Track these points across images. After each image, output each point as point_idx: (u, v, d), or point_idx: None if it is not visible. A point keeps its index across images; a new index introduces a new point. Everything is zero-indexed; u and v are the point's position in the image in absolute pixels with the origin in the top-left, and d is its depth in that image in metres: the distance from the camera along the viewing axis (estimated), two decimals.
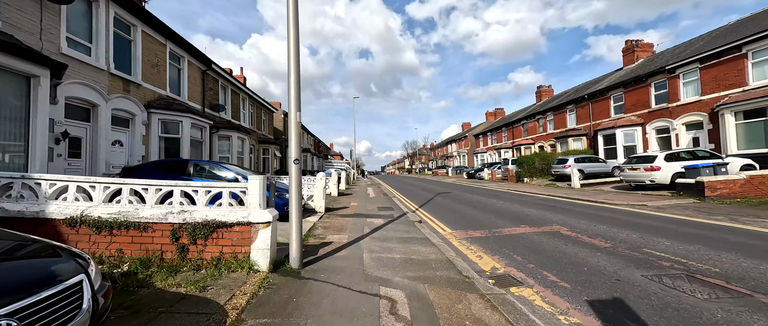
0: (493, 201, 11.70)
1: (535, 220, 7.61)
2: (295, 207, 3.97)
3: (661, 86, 17.72)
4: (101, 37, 8.38)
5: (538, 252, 4.94)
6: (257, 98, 20.52)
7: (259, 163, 20.40)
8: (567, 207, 9.86)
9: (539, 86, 35.81)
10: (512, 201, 11.55)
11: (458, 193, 15.62)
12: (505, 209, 9.67)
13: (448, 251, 5.07)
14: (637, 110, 19.08)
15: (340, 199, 13.14)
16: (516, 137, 34.54)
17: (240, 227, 3.67)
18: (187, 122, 10.93)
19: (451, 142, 60.16)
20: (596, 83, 25.13)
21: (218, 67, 14.41)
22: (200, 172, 7.04)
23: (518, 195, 14.09)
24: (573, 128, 24.62)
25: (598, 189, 14.64)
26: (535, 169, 21.36)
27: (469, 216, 8.67)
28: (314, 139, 46.23)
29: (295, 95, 4.07)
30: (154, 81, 10.45)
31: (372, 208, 10.34)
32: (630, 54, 23.26)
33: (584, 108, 23.61)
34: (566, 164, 18.17)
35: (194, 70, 12.92)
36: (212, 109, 14.28)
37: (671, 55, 18.89)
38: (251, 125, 19.73)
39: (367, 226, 7.07)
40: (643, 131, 18.57)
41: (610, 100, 21.25)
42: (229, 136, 14.55)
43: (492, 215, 8.63)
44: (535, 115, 30.50)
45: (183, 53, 12.06)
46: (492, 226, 7.10)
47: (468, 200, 12.47)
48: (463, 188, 19.19)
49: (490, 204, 10.85)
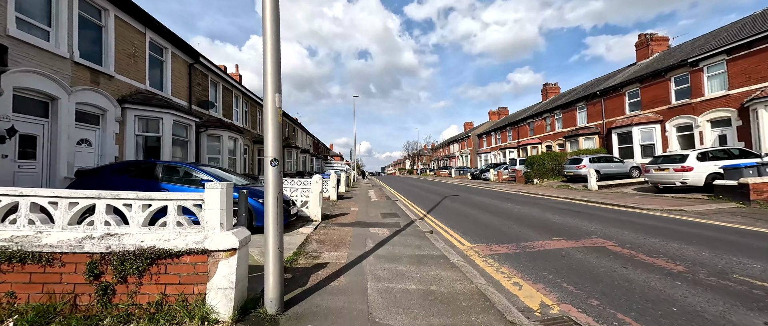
0: (508, 206, 10.57)
1: (567, 230, 6.48)
2: (272, 228, 2.85)
3: (682, 80, 16.59)
4: (62, 20, 7.28)
5: (594, 279, 3.81)
6: (252, 96, 19.42)
7: (253, 164, 19.29)
8: (595, 213, 8.72)
9: (545, 84, 34.70)
10: (529, 205, 10.42)
11: (467, 196, 14.49)
12: (525, 215, 8.54)
13: (476, 277, 3.94)
14: (655, 107, 17.95)
15: (339, 204, 12.01)
16: (521, 137, 33.42)
17: (192, 257, 2.56)
18: (169, 119, 9.82)
19: (453, 142, 59.04)
20: (608, 79, 24.01)
21: (207, 61, 13.31)
22: (172, 176, 5.92)
23: (533, 198, 12.94)
24: (584, 126, 23.49)
25: (619, 192, 13.50)
26: (545, 170, 20.23)
27: (487, 223, 7.54)
28: (313, 140, 45.15)
29: (273, 70, 2.96)
30: (130, 73, 9.35)
31: (375, 214, 9.22)
32: (644, 48, 22.14)
33: (596, 105, 22.48)
34: (580, 164, 17.04)
35: (179, 63, 11.82)
36: (200, 106, 13.17)
37: (691, 48, 17.76)
38: (245, 124, 18.63)
39: (371, 239, 5.95)
40: (662, 129, 17.43)
41: (624, 96, 20.12)
42: (219, 135, 13.43)
43: (513, 223, 7.49)
44: (542, 114, 29.38)
45: (166, 44, 10.96)
46: (518, 238, 5.97)
47: (480, 204, 11.33)
48: (471, 190, 18.06)
49: (506, 209, 9.72)
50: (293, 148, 27.83)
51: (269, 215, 2.84)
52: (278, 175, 2.95)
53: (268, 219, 2.84)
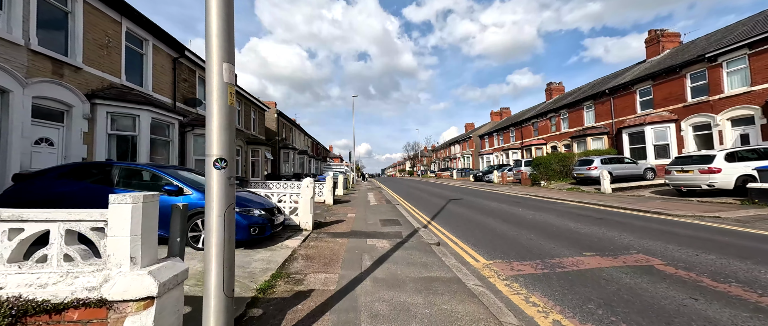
0: (520, 211, 9.64)
1: (597, 243, 5.55)
2: (215, 260, 1.92)
3: (698, 77, 15.69)
4: (17, 3, 6.38)
5: (663, 319, 2.88)
6: (245, 94, 18.54)
7: (247, 166, 18.36)
8: (620, 220, 7.79)
9: (549, 83, 33.83)
10: (543, 211, 9.49)
11: (472, 199, 13.56)
12: (542, 223, 7.61)
13: (503, 312, 3.02)
14: (669, 105, 17.04)
15: (335, 209, 11.08)
16: (525, 137, 32.52)
17: (82, 312, 1.64)
18: (147, 117, 8.91)
19: (454, 144, 58.14)
20: (616, 77, 23.12)
21: (194, 55, 12.42)
22: (132, 181, 5.00)
23: (545, 202, 12.01)
24: (592, 126, 22.58)
25: (636, 195, 12.56)
26: (553, 172, 19.30)
27: (500, 233, 6.61)
28: (312, 141, 44.26)
29: (219, 29, 2.04)
30: (102, 65, 8.44)
31: (374, 221, 8.29)
32: (654, 45, 21.26)
33: (604, 104, 21.58)
34: (592, 165, 16.11)
35: (162, 56, 10.92)
36: (187, 104, 12.27)
37: (707, 43, 16.88)
38: (238, 124, 17.71)
39: (368, 255, 5.02)
40: (678, 128, 16.52)
41: (635, 94, 19.22)
42: None
43: (530, 232, 6.56)
44: (547, 113, 28.48)
45: (146, 35, 10.06)
46: (542, 253, 5.04)
47: (488, 209, 10.40)
48: (475, 193, 17.12)
49: (519, 215, 8.79)
50: (290, 149, 26.94)
51: (211, 242, 1.91)
52: (226, 182, 2.03)
53: (210, 247, 1.91)
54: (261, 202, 5.63)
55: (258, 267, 4.24)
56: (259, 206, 5.34)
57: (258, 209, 5.20)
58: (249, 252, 4.84)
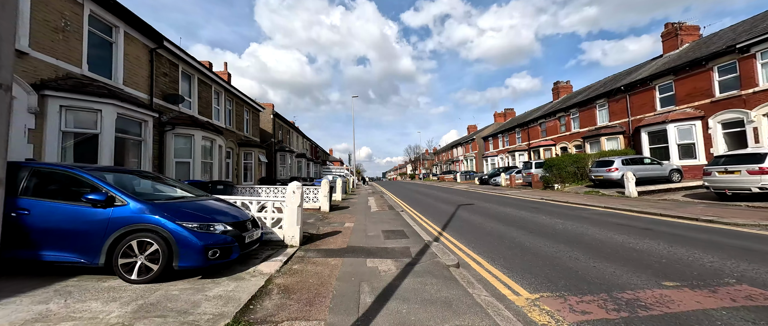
0: (545, 219, 8.32)
1: (671, 267, 4.24)
2: None
3: (728, 69, 14.41)
4: None
5: None
6: (238, 93, 17.32)
7: (238, 168, 17.11)
8: (671, 231, 6.47)
9: (556, 82, 32.61)
10: (572, 219, 8.17)
11: (484, 205, 12.24)
12: (580, 235, 6.29)
13: None
14: (694, 101, 15.75)
15: (331, 217, 9.79)
16: (532, 138, 31.24)
17: None
18: (111, 112, 7.66)
19: (456, 146, 56.89)
20: (631, 73, 21.87)
21: (176, 47, 11.21)
22: (47, 187, 3.71)
23: (567, 207, 10.69)
24: (606, 125, 21.29)
25: (669, 200, 11.22)
26: (567, 174, 17.98)
27: (534, 249, 5.30)
28: (311, 144, 43.04)
29: None
30: (56, 52, 7.22)
31: (375, 233, 6.99)
32: (672, 38, 20.03)
33: (619, 102, 20.30)
34: (612, 167, 14.79)
35: (136, 46, 9.70)
36: (167, 101, 11.04)
37: (734, 34, 15.63)
38: (229, 125, 16.49)
39: (368, 285, 3.73)
40: (704, 125, 15.21)
41: (654, 90, 17.94)
42: (189, 134, 11.28)
43: (572, 248, 5.25)
44: (556, 113, 27.21)
45: (116, 21, 8.86)
46: (604, 282, 3.74)
47: (506, 216, 9.09)
48: (485, 197, 15.80)
49: (546, 224, 7.47)
50: (287, 151, 25.71)
51: None
52: None
53: None
54: (232, 214, 4.36)
55: (208, 311, 2.94)
56: (225, 219, 4.06)
57: (222, 223, 3.92)
58: (204, 285, 3.54)
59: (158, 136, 10.50)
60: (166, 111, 11.01)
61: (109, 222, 3.40)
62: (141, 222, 3.43)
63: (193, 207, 4.00)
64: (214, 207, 4.36)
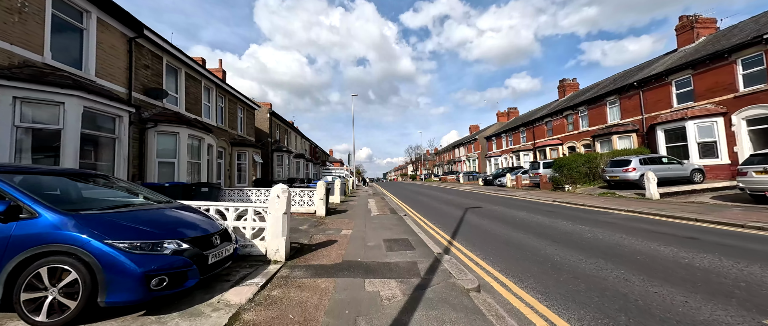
0: (567, 226, 7.38)
1: (753, 291, 3.31)
2: None
3: (753, 62, 13.46)
4: None
5: None
6: (231, 90, 16.43)
7: (231, 169, 16.20)
8: (722, 241, 5.53)
9: (562, 80, 31.67)
10: (597, 225, 7.22)
11: (493, 207, 11.29)
12: (617, 246, 5.35)
13: None
14: (715, 96, 14.79)
15: (328, 223, 8.86)
16: (538, 137, 30.28)
17: None
18: (76, 105, 6.75)
19: (458, 146, 55.94)
20: (642, 70, 20.92)
21: (159, 38, 10.30)
22: None
23: (586, 211, 9.75)
24: (617, 124, 20.34)
25: (697, 203, 10.27)
26: (579, 174, 17.02)
27: (570, 266, 4.37)
28: (310, 144, 42.11)
29: None
30: (11, 36, 6.32)
31: (376, 242, 6.06)
32: (687, 32, 19.08)
33: (632, 98, 19.35)
34: (628, 167, 13.85)
35: (112, 35, 8.80)
36: (148, 95, 10.13)
37: (758, 25, 14.68)
38: (221, 123, 15.58)
39: (366, 322, 2.80)
40: (727, 122, 14.25)
41: (670, 86, 16.98)
42: (174, 132, 10.37)
43: (616, 265, 4.31)
44: (563, 111, 26.26)
45: (86, 5, 7.95)
46: (684, 321, 2.80)
47: (521, 221, 8.14)
48: (493, 199, 14.85)
49: (570, 232, 6.53)
50: (284, 152, 24.80)
51: None
52: None
53: None
54: (197, 226, 3.44)
55: None
56: (184, 234, 3.14)
57: (178, 240, 2.99)
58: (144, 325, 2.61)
59: (138, 134, 9.60)
60: (147, 106, 10.10)
61: (10, 242, 2.49)
62: (56, 241, 2.51)
63: (139, 220, 3.07)
64: (173, 219, 3.44)
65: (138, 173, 9.53)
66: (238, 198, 10.24)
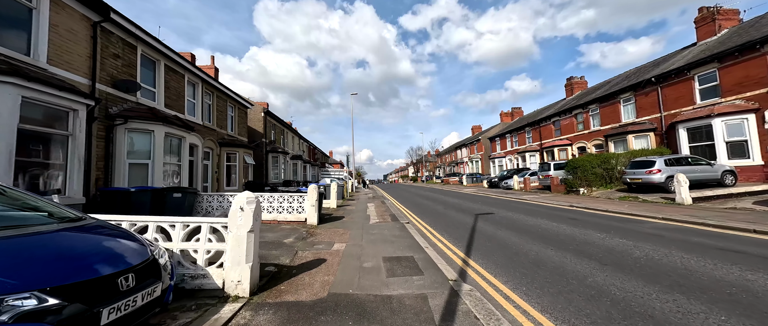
0: (604, 239, 6.16)
1: None
2: None
3: None
4: None
5: None
6: (220, 86, 15.27)
7: (220, 171, 15.01)
8: None
9: (570, 78, 30.48)
10: (642, 240, 6.00)
11: (507, 214, 10.07)
12: (691, 273, 4.13)
13: None
14: (745, 91, 13.57)
15: (319, 233, 7.66)
16: (544, 138, 29.07)
17: None
18: (10, 95, 5.58)
19: (460, 147, 54.72)
20: (658, 65, 19.72)
21: (132, 25, 9.14)
22: None
23: (616, 219, 8.52)
24: (633, 122, 19.11)
25: (737, 208, 9.03)
26: (595, 176, 15.79)
27: (646, 309, 3.16)
28: (309, 145, 40.95)
29: None
30: None
31: (373, 263, 4.85)
32: (708, 24, 17.87)
33: (649, 95, 18.13)
34: (653, 168, 12.62)
35: (70, 17, 7.64)
36: (118, 88, 8.96)
37: None
38: (208, 121, 14.42)
39: None
40: (759, 119, 13.03)
41: (692, 81, 15.76)
42: (148, 130, 9.20)
43: (719, 310, 3.10)
44: (572, 110, 25.04)
45: None
46: None
47: (547, 233, 6.92)
48: (503, 204, 13.63)
49: (618, 251, 5.31)
50: (280, 153, 23.61)
51: None
52: None
53: None
54: (98, 259, 2.25)
55: None
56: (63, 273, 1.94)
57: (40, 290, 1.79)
58: None
59: (105, 131, 8.44)
60: (117, 101, 8.94)
61: None
62: None
63: None
64: (60, 251, 2.23)
65: (103, 176, 8.35)
66: (217, 205, 9.05)
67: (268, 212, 8.88)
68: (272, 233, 7.43)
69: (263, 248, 5.80)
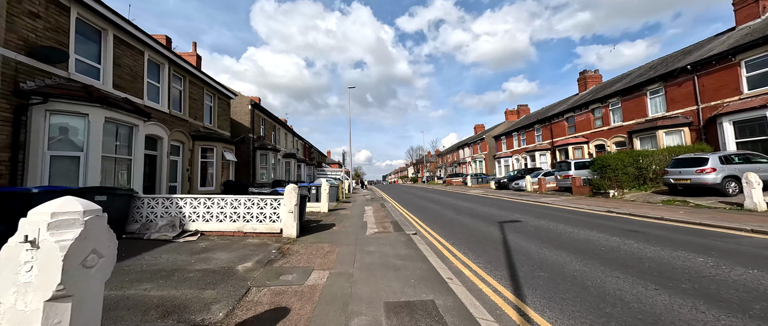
0: (711, 264, 4.07)
1: None
2: None
3: None
4: None
5: None
6: (194, 70, 13.15)
7: (193, 169, 12.87)
8: None
9: (583, 71, 28.46)
10: (758, 265, 3.93)
11: (539, 223, 7.98)
12: None
13: None
14: None
15: (295, 250, 5.54)
16: (556, 135, 27.04)
17: None
18: None
19: (463, 147, 52.67)
20: (688, 54, 17.70)
21: None
22: None
23: (689, 232, 6.43)
24: (662, 116, 17.07)
25: None
26: (627, 176, 13.73)
27: None
28: (304, 144, 38.78)
29: None
30: None
31: (368, 318, 2.74)
32: (750, 5, 15.86)
33: (682, 86, 16.10)
34: (705, 167, 10.57)
35: None
36: (36, 57, 6.83)
37: None
38: (178, 110, 12.30)
39: None
40: None
41: (737, 68, 13.74)
42: (80, 113, 7.10)
43: None
44: (589, 105, 23.01)
45: None
46: None
47: (616, 254, 4.84)
48: (524, 208, 11.53)
49: (742, 285, 3.23)
50: (270, 150, 21.46)
51: None
52: None
53: None
54: None
55: None
56: None
57: None
58: None
59: (13, 113, 6.32)
60: (34, 73, 6.82)
61: None
62: None
63: None
64: None
65: (7, 172, 6.22)
66: (163, 212, 6.88)
67: (231, 220, 6.76)
68: (226, 253, 5.27)
69: (190, 285, 3.68)
